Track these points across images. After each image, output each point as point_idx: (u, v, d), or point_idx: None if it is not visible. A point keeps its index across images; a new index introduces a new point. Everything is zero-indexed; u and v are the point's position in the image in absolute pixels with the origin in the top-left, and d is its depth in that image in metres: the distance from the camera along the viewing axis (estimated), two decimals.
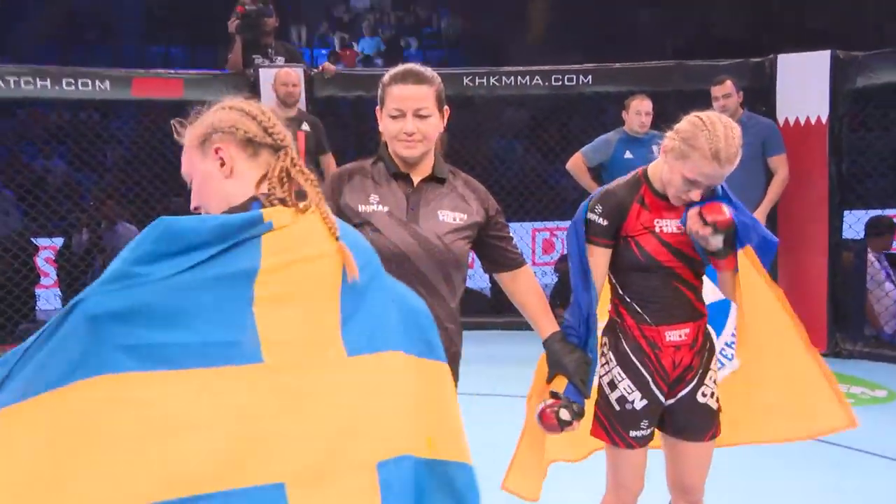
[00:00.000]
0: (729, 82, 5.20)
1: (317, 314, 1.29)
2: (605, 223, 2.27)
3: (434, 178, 2.18)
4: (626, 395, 2.30)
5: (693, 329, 2.30)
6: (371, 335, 1.34)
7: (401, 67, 2.18)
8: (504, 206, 2.32)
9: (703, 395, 2.34)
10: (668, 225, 2.27)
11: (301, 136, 5.46)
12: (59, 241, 6.83)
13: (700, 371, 2.33)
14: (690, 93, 5.56)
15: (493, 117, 7.21)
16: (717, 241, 2.18)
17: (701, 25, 12.36)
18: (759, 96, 5.60)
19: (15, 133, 7.07)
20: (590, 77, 5.79)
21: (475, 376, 2.79)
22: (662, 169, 2.28)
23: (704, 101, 5.15)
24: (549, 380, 2.27)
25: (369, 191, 2.15)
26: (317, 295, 1.30)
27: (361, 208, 2.12)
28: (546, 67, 5.81)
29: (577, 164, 5.44)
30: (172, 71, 5.89)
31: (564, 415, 2.18)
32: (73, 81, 5.30)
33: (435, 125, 2.14)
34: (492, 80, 5.74)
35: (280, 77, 5.40)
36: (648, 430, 2.33)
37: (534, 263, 7.49)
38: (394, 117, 2.11)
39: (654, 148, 5.73)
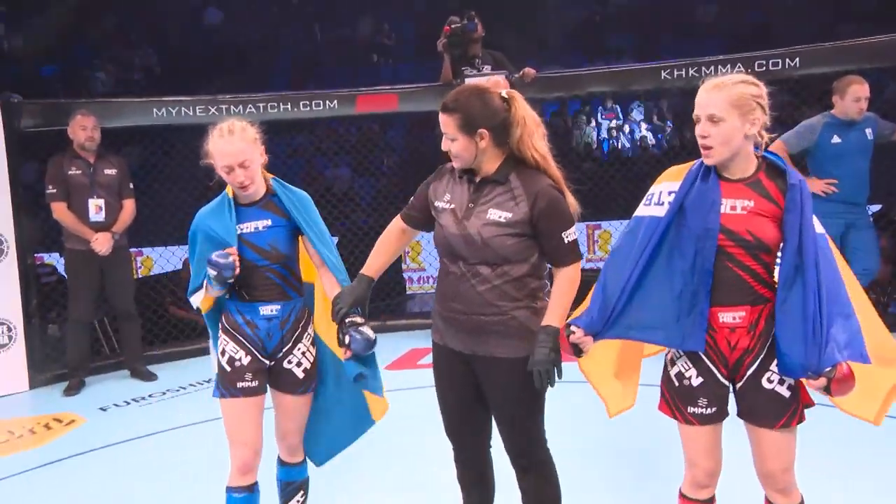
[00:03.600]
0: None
1: None
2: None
3: (494, 180, 2.52)
4: (683, 371, 2.40)
5: (751, 312, 2.31)
6: None
7: (451, 92, 2.58)
8: None
9: (770, 381, 2.33)
10: (724, 205, 2.30)
11: None
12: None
13: (762, 355, 2.33)
14: None
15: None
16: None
17: None
18: None
19: (312, 146, 8.10)
20: (797, 60, 5.49)
21: None
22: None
23: None
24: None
25: (446, 189, 2.62)
26: None
27: (438, 204, 2.63)
28: (748, 54, 5.61)
29: (777, 152, 5.16)
30: (388, 87, 6.55)
31: (573, 338, 2.45)
32: (308, 103, 6.20)
33: (463, 146, 2.49)
34: (690, 72, 5.68)
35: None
36: (710, 409, 2.37)
37: None
38: (442, 138, 2.54)
39: (868, 131, 5.38)
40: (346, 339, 2.70)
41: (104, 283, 5.57)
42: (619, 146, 9.97)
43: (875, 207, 6.41)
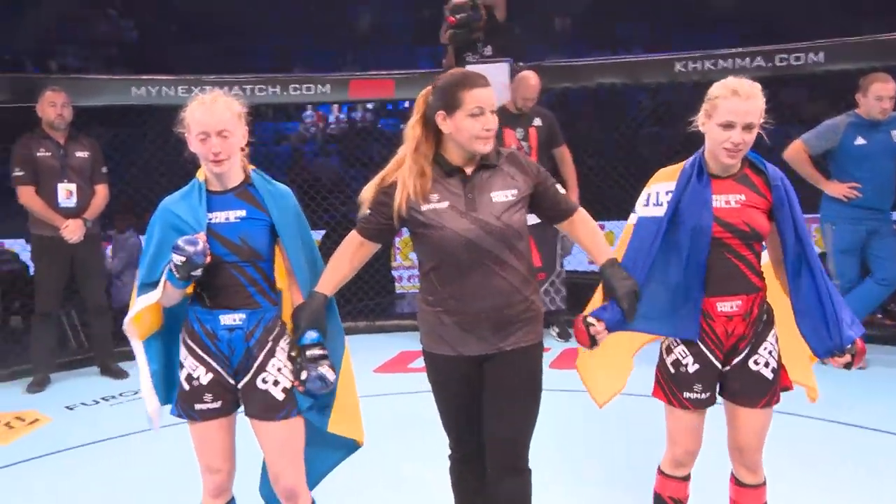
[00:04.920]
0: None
1: None
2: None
3: (483, 167, 2.59)
4: (681, 358, 2.65)
5: (746, 301, 2.57)
6: None
7: (470, 72, 2.61)
8: None
9: (756, 363, 2.62)
10: (718, 200, 2.57)
11: (532, 131, 5.90)
12: (319, 234, 7.64)
13: (753, 340, 2.61)
14: None
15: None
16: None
17: None
18: None
19: (300, 134, 8.08)
20: (821, 54, 5.53)
21: None
22: (707, 144, 2.61)
23: None
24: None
25: (428, 190, 2.56)
26: None
27: (426, 208, 2.56)
28: (769, 47, 5.64)
29: (796, 153, 5.14)
30: (385, 72, 6.54)
31: (592, 329, 2.61)
32: (298, 87, 6.20)
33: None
34: (706, 65, 5.70)
35: (521, 88, 5.90)
36: (704, 395, 2.64)
37: None
38: (475, 116, 2.51)
39: (894, 133, 5.40)
40: (303, 375, 2.56)
41: (74, 273, 5.55)
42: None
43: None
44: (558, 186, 2.70)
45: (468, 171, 2.58)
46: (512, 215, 2.55)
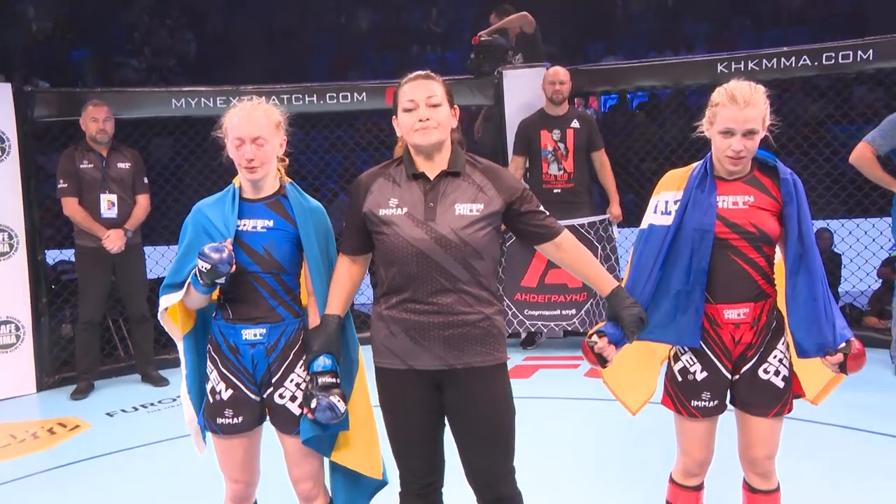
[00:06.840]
0: None
1: None
2: None
3: (449, 173, 2.52)
4: (688, 366, 2.70)
5: (754, 308, 2.61)
6: None
7: (413, 73, 2.58)
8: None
9: (766, 371, 2.65)
10: (725, 201, 2.60)
11: (570, 133, 5.97)
12: None
13: (762, 349, 2.65)
14: None
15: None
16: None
17: None
18: None
19: (352, 142, 8.21)
20: (870, 52, 5.42)
21: None
22: (713, 149, 2.67)
23: None
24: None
25: (389, 194, 2.54)
26: None
27: (382, 212, 2.53)
28: (815, 45, 5.56)
29: (863, 155, 5.00)
30: None
31: (597, 348, 2.63)
32: (334, 95, 6.36)
33: (447, 115, 2.50)
34: (750, 65, 5.65)
35: (548, 76, 6.01)
36: (712, 403, 2.68)
37: None
38: (408, 110, 2.48)
39: None
40: (313, 404, 2.56)
41: (116, 282, 5.82)
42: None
43: None
44: (542, 209, 2.62)
45: (431, 176, 2.52)
46: (474, 232, 2.47)
